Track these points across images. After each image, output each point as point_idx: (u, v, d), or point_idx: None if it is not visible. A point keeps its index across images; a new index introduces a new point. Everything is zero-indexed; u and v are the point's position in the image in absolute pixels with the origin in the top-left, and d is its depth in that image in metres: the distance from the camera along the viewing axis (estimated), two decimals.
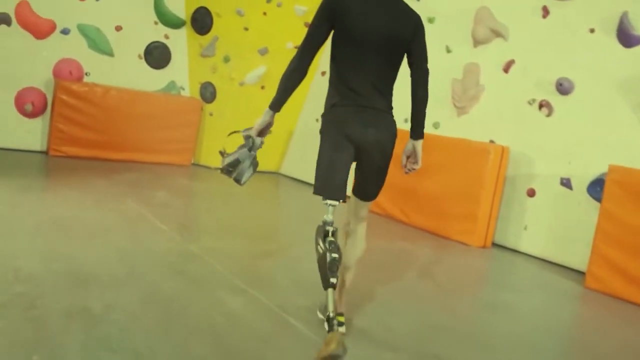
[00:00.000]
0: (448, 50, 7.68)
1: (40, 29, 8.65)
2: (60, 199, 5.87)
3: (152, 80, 9.55)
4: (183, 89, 9.87)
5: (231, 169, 3.50)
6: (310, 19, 3.48)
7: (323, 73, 8.63)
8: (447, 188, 6.90)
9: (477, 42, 7.34)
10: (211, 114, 9.75)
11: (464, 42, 7.50)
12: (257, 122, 3.44)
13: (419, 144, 3.56)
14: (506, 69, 7.01)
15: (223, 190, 7.76)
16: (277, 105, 3.37)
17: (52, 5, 8.67)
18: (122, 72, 9.25)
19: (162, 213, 5.87)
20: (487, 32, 7.20)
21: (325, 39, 3.30)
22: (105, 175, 7.52)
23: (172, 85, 9.76)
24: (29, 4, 8.51)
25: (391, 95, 3.42)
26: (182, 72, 9.80)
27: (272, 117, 3.42)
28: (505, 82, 7.04)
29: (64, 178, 7.18)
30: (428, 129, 7.71)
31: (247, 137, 3.48)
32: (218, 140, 10.00)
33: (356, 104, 3.25)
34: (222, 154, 3.57)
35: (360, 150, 3.27)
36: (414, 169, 3.58)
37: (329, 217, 3.17)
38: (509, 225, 6.82)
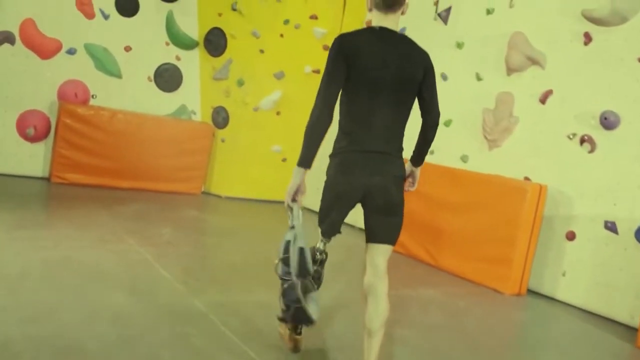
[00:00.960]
0: (478, 78, 7.13)
1: (46, 49, 8.24)
2: (55, 237, 5.35)
3: (161, 103, 9.12)
4: (194, 114, 9.43)
5: (287, 268, 3.24)
6: (330, 42, 3.29)
7: None
8: (478, 228, 6.32)
9: (510, 70, 6.79)
10: (223, 140, 9.25)
11: (496, 69, 6.95)
12: (288, 186, 3.16)
13: (418, 169, 3.51)
14: (543, 100, 6.45)
15: (234, 224, 7.24)
16: (306, 161, 3.11)
17: (58, 24, 8.27)
18: (130, 95, 8.84)
19: (166, 255, 5.33)
20: (522, 59, 6.65)
21: (342, 81, 3.12)
22: (108, 207, 7.02)
23: (182, 109, 9.32)
24: (34, 22, 8.11)
25: (402, 137, 3.28)
26: (193, 95, 9.37)
27: (304, 175, 3.14)
28: (542, 113, 6.47)
29: (63, 210, 6.68)
30: (456, 162, 7.24)
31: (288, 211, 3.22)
32: (230, 167, 9.69)
33: (365, 149, 3.15)
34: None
35: (365, 196, 3.19)
36: (410, 190, 3.50)
37: (320, 246, 3.32)
38: (546, 271, 6.22)
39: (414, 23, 8.10)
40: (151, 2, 8.85)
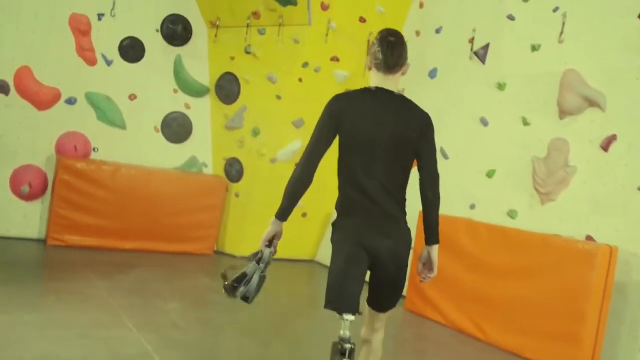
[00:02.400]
0: (525, 123, 6.31)
1: (43, 99, 7.58)
2: (40, 323, 4.48)
3: (170, 156, 8.41)
4: (206, 166, 8.69)
5: (236, 285, 3.16)
6: (352, 85, 3.17)
7: None
8: (537, 298, 5.40)
9: (564, 113, 5.95)
10: (237, 195, 8.45)
11: (547, 112, 6.13)
12: (264, 233, 3.24)
13: (434, 250, 3.29)
14: (605, 147, 5.59)
15: None
16: (283, 214, 3.21)
17: (57, 71, 7.62)
18: (135, 147, 8.15)
19: (170, 344, 4.44)
20: (578, 101, 5.82)
21: (331, 143, 3.17)
22: (108, 275, 6.19)
23: (193, 161, 8.59)
24: (31, 70, 7.46)
25: (404, 199, 3.23)
26: (204, 146, 8.65)
27: (280, 226, 3.24)
28: (604, 162, 5.61)
29: (55, 284, 5.82)
30: (502, 218, 6.36)
31: (256, 254, 3.23)
32: (245, 224, 8.90)
33: (368, 212, 3.13)
34: (225, 276, 3.22)
35: (374, 261, 3.14)
36: (429, 278, 3.34)
37: (345, 334, 2.99)
38: (619, 347, 5.26)
39: (446, 63, 7.37)
40: (158, 46, 8.22)
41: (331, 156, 3.24)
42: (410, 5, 8.05)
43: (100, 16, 7.80)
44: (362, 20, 7.91)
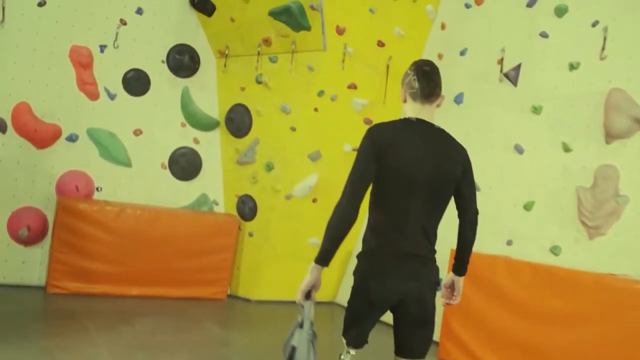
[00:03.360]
0: (566, 149, 5.73)
1: (42, 136, 7.10)
2: None
3: (178, 194, 7.93)
4: (217, 204, 8.18)
5: None
6: (371, 114, 2.90)
7: None
8: (589, 347, 4.75)
9: (611, 137, 5.38)
10: (251, 235, 7.90)
11: (591, 137, 5.56)
12: (302, 283, 2.98)
13: (460, 280, 3.30)
14: None
15: (268, 342, 5.73)
16: (325, 259, 2.96)
17: (56, 107, 7.17)
18: (141, 185, 7.68)
19: None
20: (627, 123, 5.25)
21: (374, 175, 2.98)
22: (110, 327, 5.62)
23: (203, 199, 8.08)
24: (30, 105, 7.01)
25: (436, 237, 3.12)
26: (215, 183, 8.16)
27: (320, 273, 2.98)
28: None
29: (51, 340, 5.23)
30: (543, 254, 5.72)
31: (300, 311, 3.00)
32: (260, 265, 8.31)
33: (398, 251, 3.00)
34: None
35: (398, 303, 3.02)
36: (449, 304, 3.32)
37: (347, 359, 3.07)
38: None
39: (473, 87, 6.85)
40: (164, 78, 7.78)
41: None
42: (431, 27, 7.55)
43: (102, 47, 7.38)
44: (380, 44, 7.40)
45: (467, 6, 7.05)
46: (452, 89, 6.98)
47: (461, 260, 3.26)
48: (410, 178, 2.96)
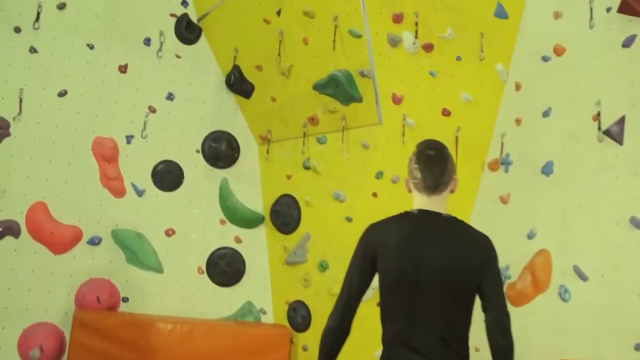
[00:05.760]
0: None
1: (60, 240, 6.35)
2: None
3: (218, 303, 7.05)
4: (264, 313, 7.24)
5: None
6: None
7: None
8: None
9: None
10: (306, 349, 6.84)
11: None
12: None
13: None
14: None
15: None
16: None
17: (77, 206, 6.46)
18: (174, 294, 6.83)
19: None
20: None
21: (368, 282, 2.97)
22: None
23: (247, 308, 7.14)
24: (46, 205, 6.34)
25: (466, 346, 2.82)
26: (261, 288, 7.26)
27: None
28: None
29: None
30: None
31: None
32: None
33: None
34: None
35: None
36: None
37: None
38: None
39: (564, 153, 5.69)
40: (199, 170, 7.08)
41: None
42: (504, 88, 6.55)
43: (129, 138, 6.74)
44: (446, 112, 6.43)
45: (545, 59, 6.02)
46: (537, 159, 5.85)
47: None
48: (414, 281, 2.81)
